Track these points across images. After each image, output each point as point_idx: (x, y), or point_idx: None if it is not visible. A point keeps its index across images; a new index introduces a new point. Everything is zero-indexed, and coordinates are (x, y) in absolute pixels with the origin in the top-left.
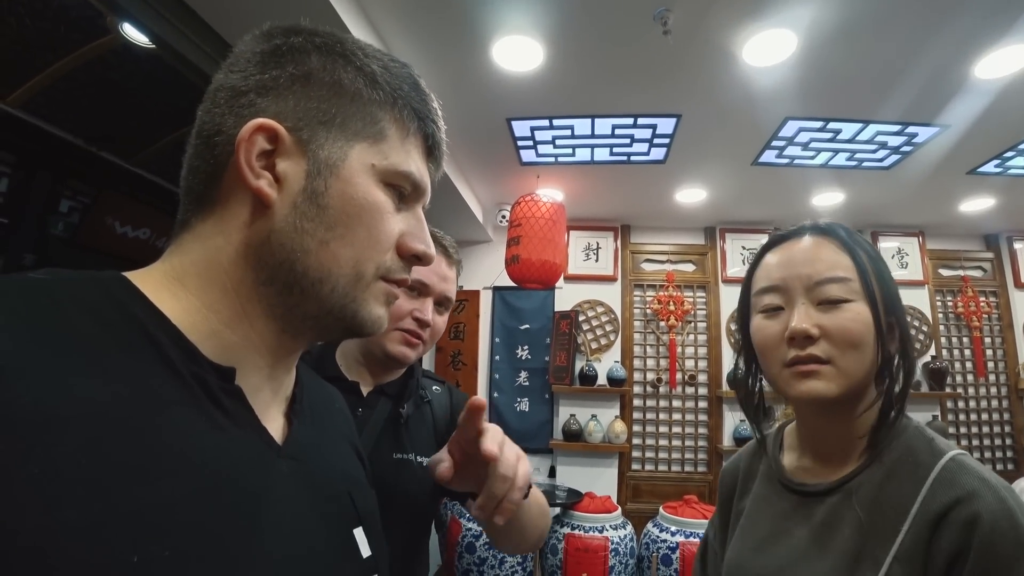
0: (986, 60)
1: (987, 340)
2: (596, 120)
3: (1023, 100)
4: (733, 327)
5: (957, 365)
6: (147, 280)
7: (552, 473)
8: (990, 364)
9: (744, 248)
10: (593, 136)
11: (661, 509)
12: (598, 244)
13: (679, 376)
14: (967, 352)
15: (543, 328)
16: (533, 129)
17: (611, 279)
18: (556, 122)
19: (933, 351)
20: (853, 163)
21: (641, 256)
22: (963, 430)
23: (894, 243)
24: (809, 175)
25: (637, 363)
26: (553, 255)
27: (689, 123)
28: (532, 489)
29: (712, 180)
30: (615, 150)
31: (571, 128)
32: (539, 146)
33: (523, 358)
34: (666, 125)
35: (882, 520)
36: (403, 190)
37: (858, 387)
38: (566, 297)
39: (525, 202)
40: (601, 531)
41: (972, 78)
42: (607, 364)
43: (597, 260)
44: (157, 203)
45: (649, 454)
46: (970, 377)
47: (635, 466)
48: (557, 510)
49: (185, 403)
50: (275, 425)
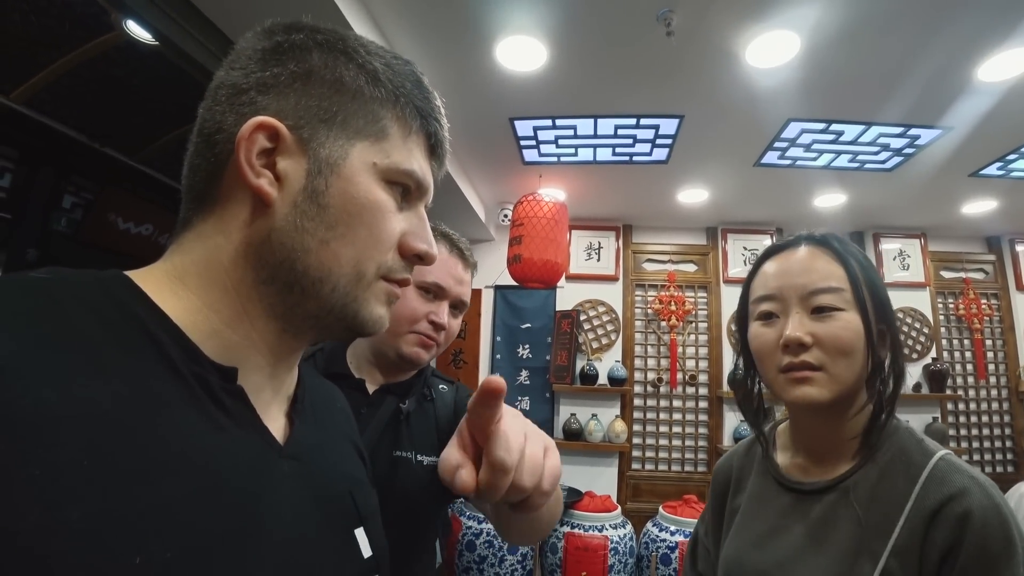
0: (989, 63)
1: (988, 342)
2: (599, 120)
3: None
4: (734, 328)
5: (958, 367)
6: (148, 279)
7: None
8: (991, 366)
9: (745, 249)
10: (596, 136)
11: (661, 509)
12: (600, 244)
13: (680, 376)
14: (968, 354)
15: (544, 327)
16: (536, 129)
17: (612, 279)
18: (559, 122)
19: (934, 353)
20: (855, 165)
21: (643, 256)
22: (963, 432)
23: (896, 245)
24: (811, 176)
25: (638, 363)
26: (555, 254)
27: (692, 124)
28: None
29: (714, 181)
30: (617, 150)
31: (574, 128)
32: (542, 146)
33: (524, 357)
34: (669, 126)
35: (878, 516)
36: (405, 189)
37: (849, 392)
38: (567, 296)
39: (527, 201)
40: (601, 530)
41: (975, 81)
42: (608, 364)
43: (599, 260)
44: (160, 200)
45: (649, 454)
46: (971, 379)
47: (635, 465)
48: None
49: (186, 403)
50: (277, 425)
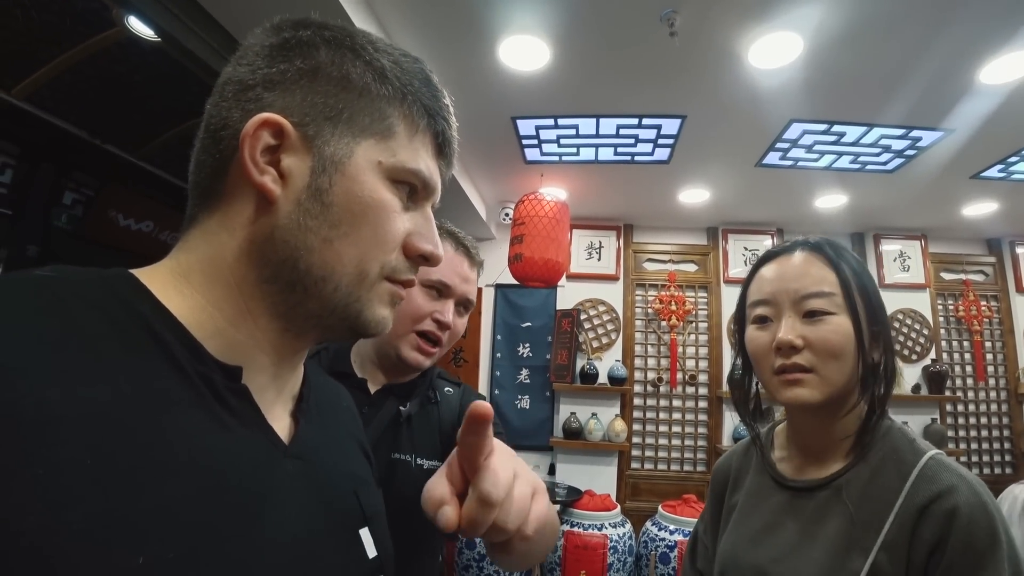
0: (991, 65)
1: (988, 344)
2: (601, 120)
3: None
4: (733, 327)
5: (957, 369)
6: (153, 277)
7: (552, 471)
8: (990, 368)
9: (746, 249)
10: (597, 136)
11: (660, 508)
12: (601, 243)
13: (679, 376)
14: (967, 356)
15: (545, 326)
16: (538, 128)
17: (613, 278)
18: (561, 121)
19: (933, 354)
20: (857, 166)
21: (643, 256)
22: (962, 433)
23: (896, 246)
24: (812, 177)
25: (638, 362)
26: (556, 254)
27: (694, 124)
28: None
29: (715, 181)
30: (619, 150)
31: (576, 128)
32: (543, 145)
33: (524, 356)
34: (671, 126)
35: (869, 513)
36: (412, 188)
37: (840, 393)
38: (568, 296)
39: (529, 201)
40: (600, 529)
41: (977, 83)
42: (608, 363)
43: (599, 259)
44: (160, 196)
45: (649, 453)
46: (970, 381)
47: (635, 465)
48: (557, 507)
49: (191, 402)
50: (281, 424)
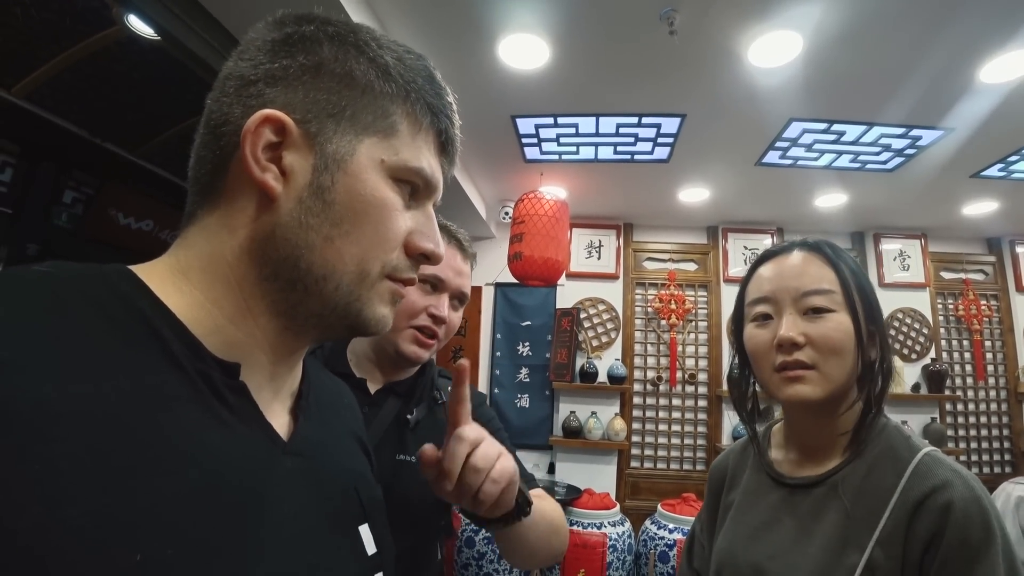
0: (991, 64)
1: (987, 344)
2: (600, 119)
3: None
4: (732, 327)
5: (957, 368)
6: (152, 274)
7: (551, 469)
8: (990, 368)
9: (746, 248)
10: (597, 135)
11: (659, 507)
12: (600, 242)
13: (679, 375)
14: (967, 355)
15: (544, 325)
16: (537, 127)
17: (613, 277)
18: (561, 120)
19: (933, 354)
20: (856, 165)
21: (643, 254)
22: (961, 433)
23: (896, 245)
24: (812, 176)
25: (638, 361)
26: (555, 252)
27: (693, 123)
28: (545, 504)
29: (715, 180)
30: (619, 149)
31: (575, 126)
32: (543, 144)
33: (524, 355)
34: (670, 124)
35: (865, 508)
36: (414, 187)
37: (840, 390)
38: (568, 294)
39: (528, 199)
40: (599, 528)
41: (977, 82)
42: (608, 362)
43: (599, 258)
44: (160, 195)
45: (648, 452)
46: (970, 380)
47: (634, 463)
48: None
49: (189, 399)
50: (280, 421)
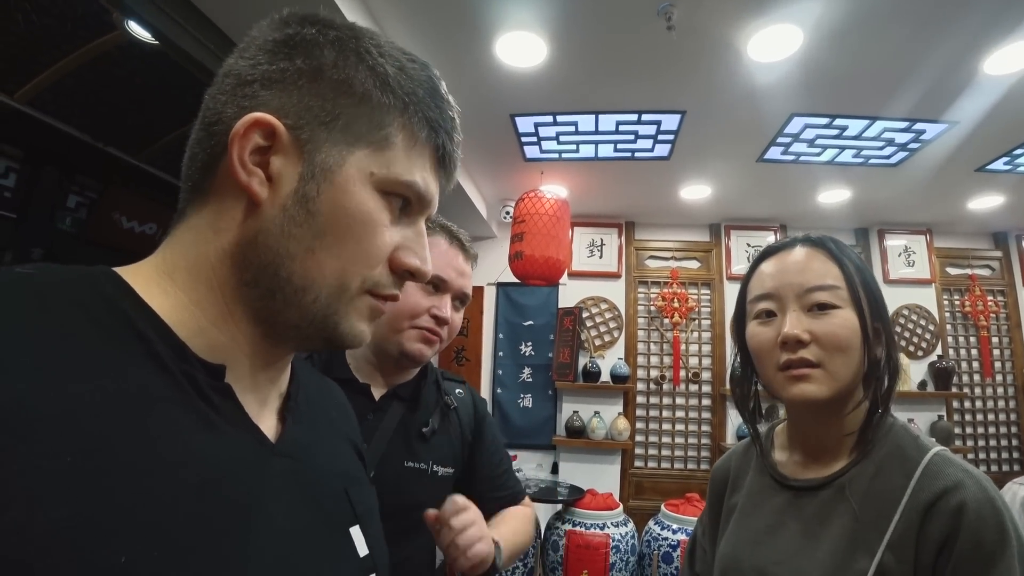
0: (996, 56)
1: (995, 340)
2: (600, 116)
3: None
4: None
5: (964, 365)
6: (137, 275)
7: (555, 470)
8: (997, 364)
9: (749, 245)
10: (597, 132)
11: (663, 507)
12: (602, 240)
13: (683, 373)
14: (974, 352)
15: (547, 324)
16: (537, 125)
17: (615, 276)
18: (560, 118)
19: (939, 350)
20: (860, 160)
21: (645, 253)
22: (969, 430)
23: (901, 241)
24: (815, 172)
25: (641, 360)
26: (557, 251)
27: (694, 119)
28: (517, 526)
29: (717, 177)
30: (619, 146)
31: (575, 124)
32: (543, 142)
33: (526, 354)
34: (670, 121)
35: (874, 511)
36: (405, 200)
37: (847, 389)
38: (570, 294)
39: (529, 198)
40: (602, 528)
41: (981, 74)
42: (610, 361)
43: (601, 257)
44: (163, 199)
45: (652, 451)
46: (977, 377)
47: (638, 463)
48: (559, 507)
49: (175, 400)
50: (268, 423)
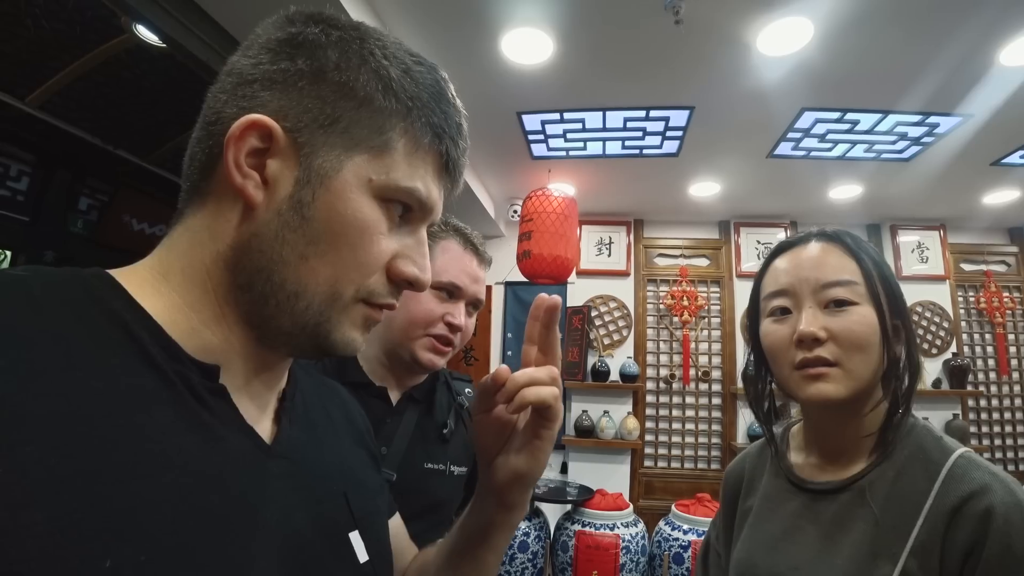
0: (1011, 46)
1: (1011, 337)
2: (607, 113)
3: None
4: (747, 323)
5: (979, 362)
6: (132, 277)
7: (564, 469)
8: (1014, 362)
9: (759, 242)
10: (604, 129)
11: (673, 507)
12: (611, 239)
13: (693, 372)
14: (990, 349)
15: None
16: (544, 123)
17: (624, 274)
18: (567, 115)
19: (954, 348)
20: (872, 155)
21: (654, 251)
22: (985, 429)
23: (914, 237)
24: (826, 167)
25: (650, 359)
26: (565, 250)
27: (702, 115)
28: None
29: (726, 173)
30: (627, 143)
31: (582, 121)
32: (550, 140)
33: None
34: (679, 117)
35: (896, 515)
36: (406, 207)
37: (865, 388)
38: (578, 292)
39: (536, 197)
40: (612, 528)
41: (996, 65)
42: (620, 360)
43: (610, 255)
44: (172, 200)
45: (662, 451)
46: (993, 375)
47: (648, 463)
48: (568, 507)
49: (167, 401)
50: (264, 425)
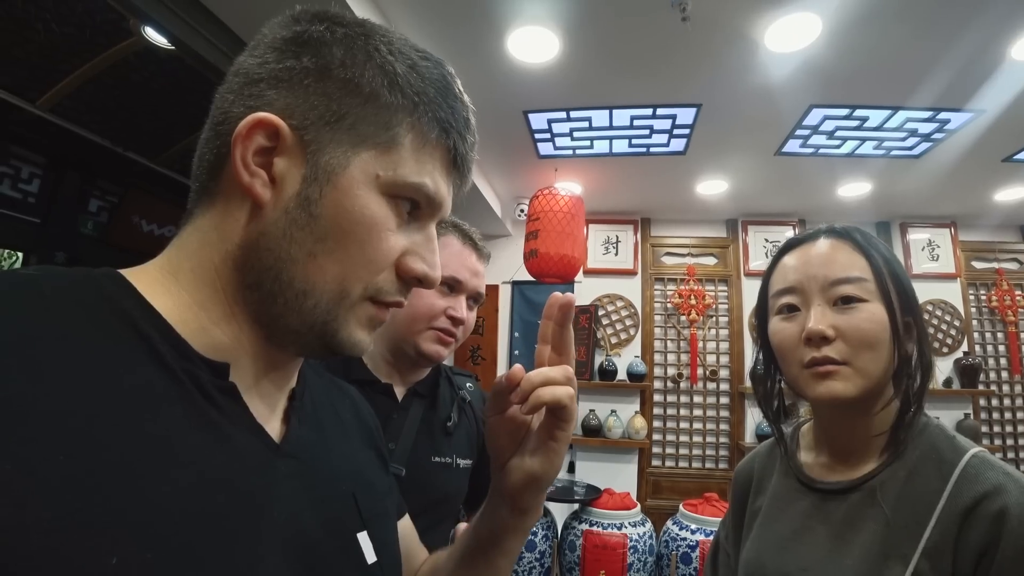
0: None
1: (1023, 335)
2: (614, 111)
3: None
4: (755, 321)
5: (991, 361)
6: (142, 276)
7: (571, 468)
8: None
9: (767, 241)
10: (611, 128)
11: (681, 506)
12: (618, 237)
13: (700, 371)
14: (1001, 348)
15: None
16: (550, 121)
17: (631, 273)
18: (573, 114)
19: (965, 347)
20: (881, 152)
21: (661, 249)
22: (996, 429)
23: (924, 235)
24: (835, 165)
25: (658, 358)
26: (572, 249)
27: (710, 113)
28: None
29: (734, 171)
30: (634, 142)
31: (589, 120)
32: (556, 139)
33: None
34: (686, 115)
35: (908, 516)
36: (414, 203)
37: (875, 387)
38: (585, 291)
39: (543, 196)
40: (620, 528)
41: (1008, 60)
42: (627, 359)
43: (617, 254)
44: (181, 201)
45: (670, 450)
46: (1004, 374)
47: (655, 462)
48: (576, 506)
49: (176, 399)
50: (273, 424)
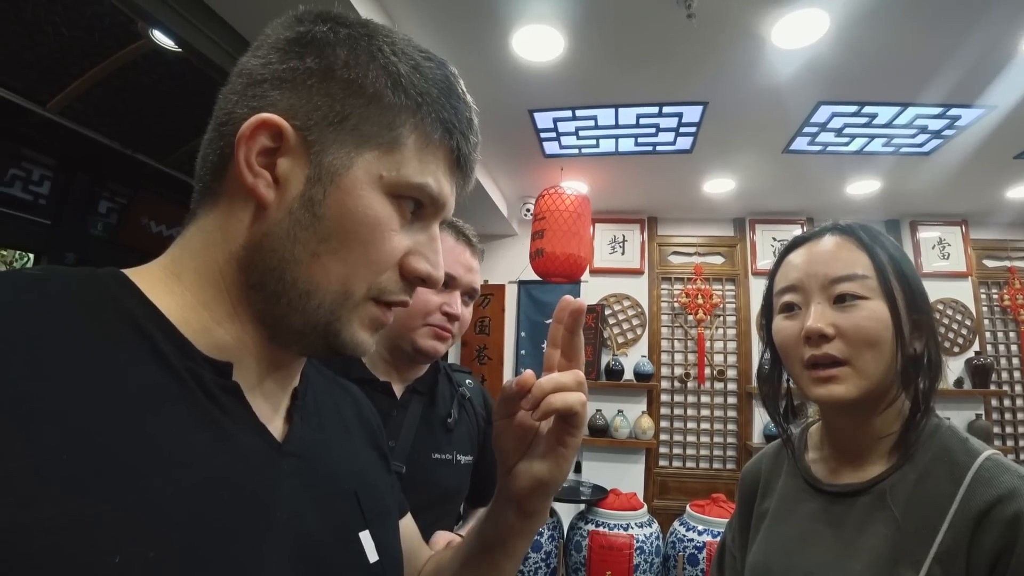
0: None
1: None
2: (620, 110)
3: None
4: (762, 321)
5: (1003, 361)
6: (145, 276)
7: (578, 469)
8: None
9: (775, 240)
10: (617, 126)
11: (688, 507)
12: (624, 237)
13: (708, 371)
14: (1014, 347)
15: None
16: (556, 120)
17: (638, 272)
18: (579, 113)
19: (977, 346)
20: (890, 149)
21: (668, 249)
22: (1009, 430)
23: (935, 233)
24: (843, 163)
25: (665, 358)
26: (578, 248)
27: (716, 110)
28: None
29: (741, 169)
30: (640, 140)
31: (594, 119)
32: (562, 138)
33: None
34: (692, 113)
35: (919, 520)
36: (417, 203)
37: (878, 387)
38: (592, 291)
39: (549, 195)
40: (626, 529)
41: (1020, 55)
42: (634, 359)
43: (623, 253)
44: (189, 202)
45: (677, 451)
46: (1017, 374)
47: (662, 463)
48: (582, 506)
49: (179, 398)
50: (276, 423)
